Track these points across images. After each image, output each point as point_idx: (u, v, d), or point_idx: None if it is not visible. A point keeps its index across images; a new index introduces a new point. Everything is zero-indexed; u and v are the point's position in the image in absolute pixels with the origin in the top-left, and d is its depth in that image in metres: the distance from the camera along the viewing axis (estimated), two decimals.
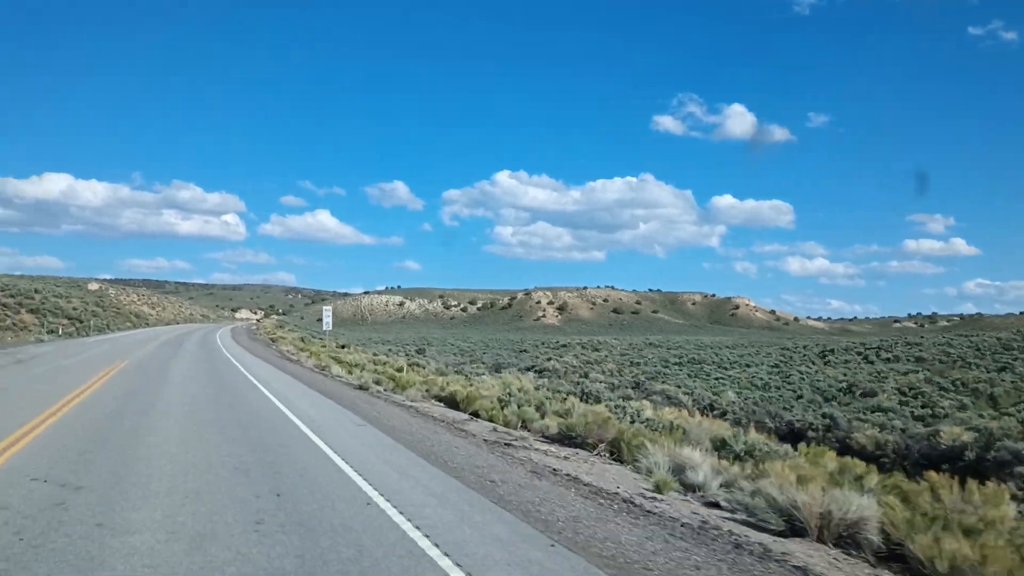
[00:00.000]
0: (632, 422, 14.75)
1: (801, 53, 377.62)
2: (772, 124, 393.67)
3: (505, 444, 12.61)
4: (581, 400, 20.33)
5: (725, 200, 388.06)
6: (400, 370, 31.05)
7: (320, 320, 65.46)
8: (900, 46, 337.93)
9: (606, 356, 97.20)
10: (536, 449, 12.25)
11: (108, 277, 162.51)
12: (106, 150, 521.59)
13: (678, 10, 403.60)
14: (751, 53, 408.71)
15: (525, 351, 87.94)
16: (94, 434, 11.66)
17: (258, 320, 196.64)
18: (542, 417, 15.24)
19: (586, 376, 44.45)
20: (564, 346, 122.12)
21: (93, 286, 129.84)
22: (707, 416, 23.27)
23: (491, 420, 15.99)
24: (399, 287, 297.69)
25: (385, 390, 22.42)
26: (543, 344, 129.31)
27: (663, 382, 43.79)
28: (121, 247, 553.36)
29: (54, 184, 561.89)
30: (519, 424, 15.13)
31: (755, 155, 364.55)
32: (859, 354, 71.48)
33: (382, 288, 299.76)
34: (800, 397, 45.77)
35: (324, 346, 49.64)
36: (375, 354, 48.73)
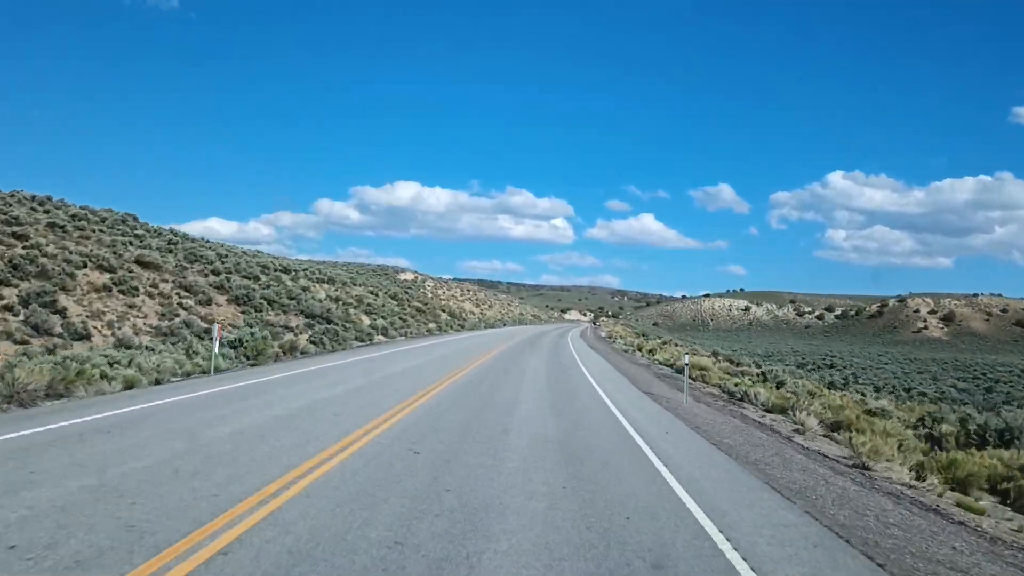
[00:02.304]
0: None
1: None
2: None
3: None
4: None
5: None
6: None
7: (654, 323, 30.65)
8: None
9: None
10: None
11: (448, 277, 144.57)
12: (449, 158, 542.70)
13: None
14: None
15: None
16: None
17: (594, 322, 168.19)
18: None
19: None
20: None
21: (407, 275, 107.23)
22: None
23: None
24: (742, 290, 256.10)
25: None
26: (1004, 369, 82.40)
27: None
28: (460, 249, 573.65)
29: (404, 191, 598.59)
30: None
31: None
32: None
33: (723, 291, 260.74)
34: None
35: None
36: None
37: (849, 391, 39.16)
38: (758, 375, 26.25)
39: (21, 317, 22.64)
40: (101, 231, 30.93)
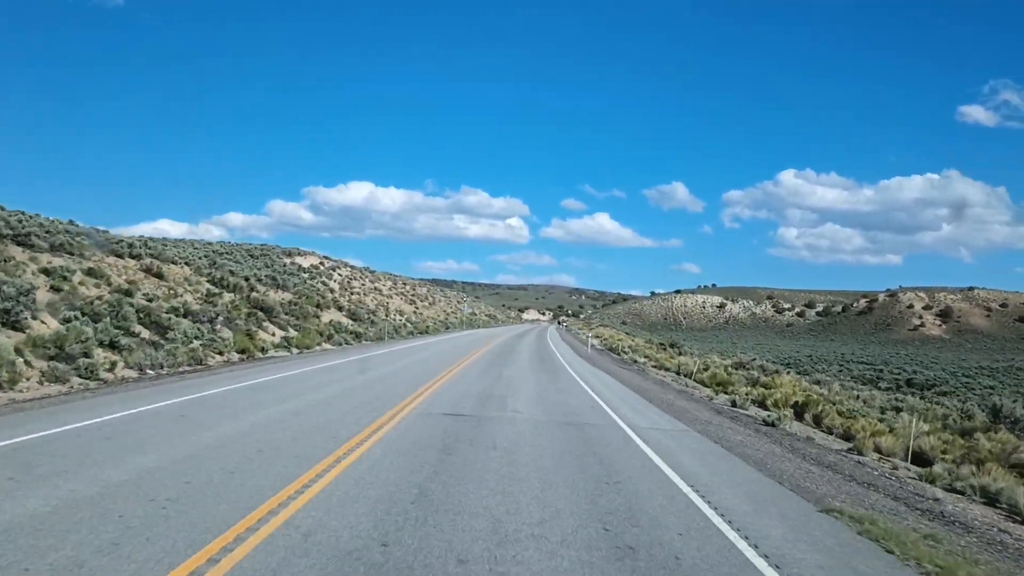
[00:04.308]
0: None
1: None
2: None
3: None
4: None
5: None
6: None
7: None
8: None
9: None
10: None
11: (400, 275, 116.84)
12: (403, 158, 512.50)
13: None
14: None
15: None
16: None
17: (557, 322, 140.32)
18: None
19: None
20: None
21: (308, 260, 76.36)
22: None
23: None
24: (714, 285, 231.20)
25: None
26: None
27: None
28: (416, 250, 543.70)
29: (358, 192, 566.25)
30: None
31: None
32: None
33: (693, 287, 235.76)
34: None
35: None
36: None
37: None
38: None
39: None
40: None
